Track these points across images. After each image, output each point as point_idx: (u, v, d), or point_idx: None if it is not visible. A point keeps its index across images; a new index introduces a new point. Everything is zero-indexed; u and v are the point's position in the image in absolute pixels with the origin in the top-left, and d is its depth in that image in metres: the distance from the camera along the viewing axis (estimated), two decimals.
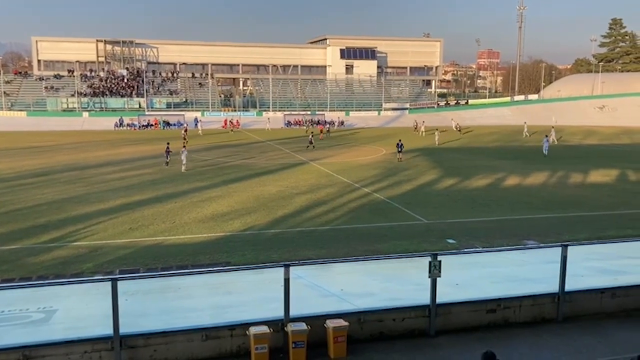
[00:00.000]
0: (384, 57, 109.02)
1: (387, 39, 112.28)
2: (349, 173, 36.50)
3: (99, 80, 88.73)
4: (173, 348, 10.40)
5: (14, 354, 9.73)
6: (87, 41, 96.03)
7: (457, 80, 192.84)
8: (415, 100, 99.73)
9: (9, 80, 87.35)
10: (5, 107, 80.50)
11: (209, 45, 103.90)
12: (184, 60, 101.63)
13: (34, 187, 31.05)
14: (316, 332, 10.67)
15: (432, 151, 49.81)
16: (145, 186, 31.60)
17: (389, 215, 24.92)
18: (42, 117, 77.33)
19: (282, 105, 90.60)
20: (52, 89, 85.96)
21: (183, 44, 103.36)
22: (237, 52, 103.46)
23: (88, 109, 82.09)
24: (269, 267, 14.85)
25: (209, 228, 22.51)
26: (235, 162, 42.21)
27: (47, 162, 41.60)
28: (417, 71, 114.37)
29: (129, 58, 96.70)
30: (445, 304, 11.90)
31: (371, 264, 15.90)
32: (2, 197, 28.06)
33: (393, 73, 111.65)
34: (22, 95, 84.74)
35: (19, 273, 16.90)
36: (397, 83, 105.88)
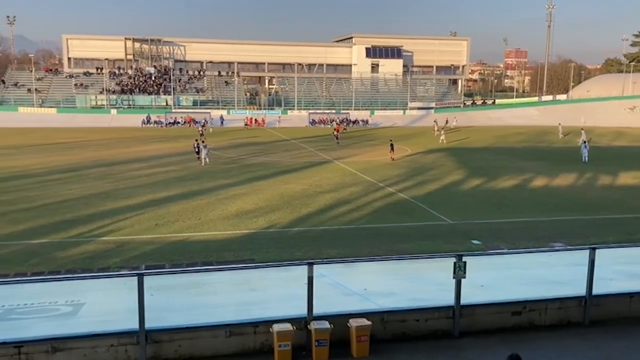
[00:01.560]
0: (410, 56, 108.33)
1: (413, 38, 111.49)
2: (373, 172, 36.40)
3: (127, 77, 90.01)
4: (197, 343, 10.50)
5: (43, 345, 9.94)
6: (116, 39, 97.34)
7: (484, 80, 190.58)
8: (442, 100, 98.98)
9: (40, 77, 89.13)
10: (36, 103, 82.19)
11: (235, 43, 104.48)
12: (211, 59, 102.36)
13: (63, 183, 31.65)
14: (339, 330, 10.67)
15: (458, 151, 49.38)
16: (172, 183, 31.96)
17: (413, 215, 24.80)
18: (71, 114, 78.78)
19: (307, 104, 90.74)
20: (81, 86, 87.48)
21: (210, 42, 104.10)
22: (263, 50, 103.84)
23: (116, 106, 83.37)
24: (293, 265, 14.89)
25: (233, 225, 22.67)
26: (260, 160, 42.42)
27: (76, 158, 42.34)
28: (443, 70, 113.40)
29: (156, 56, 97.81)
30: (470, 305, 11.79)
31: (395, 263, 15.81)
32: (32, 192, 28.66)
33: (419, 72, 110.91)
34: (53, 92, 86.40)
35: (48, 267, 17.26)
36: (423, 82, 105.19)
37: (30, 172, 35.59)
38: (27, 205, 25.71)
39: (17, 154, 44.43)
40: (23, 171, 35.74)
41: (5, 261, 17.77)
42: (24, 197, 27.36)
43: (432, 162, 42.15)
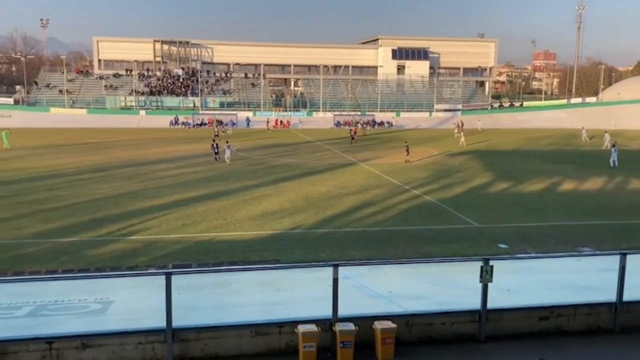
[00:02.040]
0: (437, 58, 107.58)
1: (440, 39, 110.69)
2: (399, 174, 36.26)
3: (156, 79, 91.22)
4: (223, 343, 10.60)
5: (73, 341, 10.15)
6: (145, 41, 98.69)
7: (512, 82, 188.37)
8: (468, 102, 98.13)
9: (71, 79, 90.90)
10: (68, 104, 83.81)
11: (262, 45, 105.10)
12: (237, 61, 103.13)
13: (92, 182, 32.22)
14: (364, 332, 10.67)
15: (485, 154, 48.89)
16: (199, 183, 32.29)
17: (439, 218, 24.64)
18: (101, 115, 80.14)
19: (332, 106, 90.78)
20: (111, 87, 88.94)
21: (237, 44, 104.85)
22: (289, 52, 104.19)
23: (145, 107, 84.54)
24: (318, 266, 14.94)
25: (259, 226, 22.81)
26: (285, 161, 42.59)
27: (106, 158, 43.07)
28: (470, 72, 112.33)
29: (184, 58, 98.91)
30: (497, 309, 11.68)
31: (420, 266, 15.73)
32: (63, 191, 29.24)
33: (445, 74, 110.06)
34: (83, 93, 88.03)
35: (77, 264, 17.59)
36: (450, 84, 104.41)
37: (61, 171, 36.33)
38: (57, 204, 26.25)
39: (48, 154, 45.39)
40: (54, 170, 36.50)
41: (37, 259, 18.18)
42: (55, 196, 27.94)
43: (459, 164, 41.80)
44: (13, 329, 10.91)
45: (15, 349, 9.97)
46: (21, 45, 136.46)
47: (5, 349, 9.92)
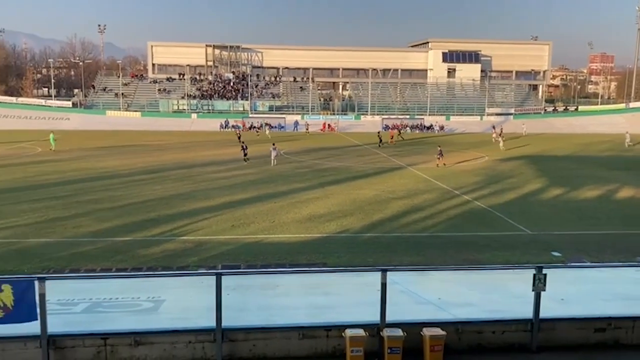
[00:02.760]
0: (488, 61, 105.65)
1: (491, 42, 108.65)
2: (448, 179, 35.76)
3: (207, 83, 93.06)
4: (271, 344, 10.70)
5: (127, 338, 10.45)
6: (197, 46, 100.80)
7: (566, 86, 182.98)
8: (521, 106, 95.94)
9: (127, 82, 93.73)
10: (123, 107, 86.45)
11: (311, 49, 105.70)
12: (287, 65, 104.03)
13: (146, 183, 33.11)
14: (412, 339, 10.57)
15: (538, 159, 47.67)
16: (247, 186, 32.71)
17: (490, 225, 24.16)
18: (154, 118, 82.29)
19: (381, 109, 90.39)
20: (164, 91, 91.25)
21: (286, 48, 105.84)
22: (338, 56, 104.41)
23: (196, 110, 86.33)
24: (366, 271, 14.90)
25: (306, 228, 22.92)
26: (332, 165, 42.66)
27: (158, 160, 44.17)
28: (523, 75, 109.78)
29: (235, 62, 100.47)
30: (549, 319, 11.37)
31: (470, 273, 15.47)
32: (118, 192, 30.15)
33: (497, 77, 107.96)
34: (138, 97, 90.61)
35: (131, 263, 18.10)
36: (502, 87, 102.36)
37: (116, 172, 37.48)
38: (112, 204, 27.09)
39: (104, 155, 46.91)
40: (110, 171, 37.70)
41: (93, 257, 18.80)
42: (110, 197, 28.84)
43: (510, 170, 40.89)
44: (70, 324, 11.32)
45: (72, 344, 10.35)
46: (80, 50, 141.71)
47: (63, 343, 10.30)
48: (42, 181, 33.57)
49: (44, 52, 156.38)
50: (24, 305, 9.89)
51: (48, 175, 35.96)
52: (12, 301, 9.85)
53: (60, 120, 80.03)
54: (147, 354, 10.43)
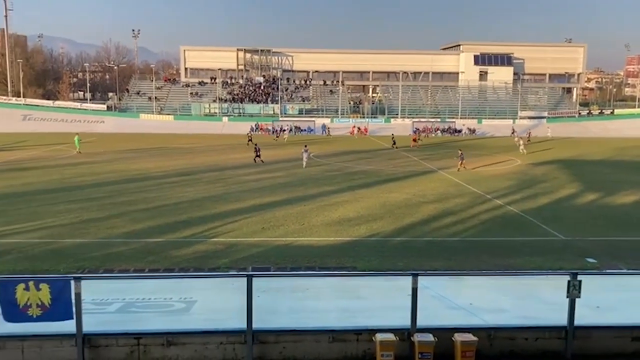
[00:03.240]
0: (521, 64, 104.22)
1: (524, 45, 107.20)
2: (480, 183, 35.34)
3: (238, 87, 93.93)
4: (301, 347, 10.72)
5: (159, 338, 10.60)
6: (229, 50, 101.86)
7: (602, 89, 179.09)
8: (555, 109, 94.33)
9: (160, 86, 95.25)
10: (156, 111, 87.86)
11: (341, 53, 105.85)
12: (317, 68, 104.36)
13: (178, 185, 33.56)
14: (443, 344, 10.48)
15: (572, 163, 46.77)
16: (277, 188, 32.87)
17: (522, 230, 23.78)
18: (186, 121, 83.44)
19: (411, 112, 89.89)
20: (196, 94, 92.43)
21: (316, 52, 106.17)
22: (368, 59, 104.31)
23: (227, 114, 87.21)
24: (397, 275, 14.83)
25: (335, 232, 22.91)
26: (362, 168, 42.58)
27: (190, 162, 44.73)
28: (557, 78, 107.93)
29: (265, 66, 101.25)
30: (584, 326, 11.14)
31: (503, 279, 15.28)
32: (151, 194, 30.63)
33: (530, 80, 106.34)
34: (170, 100, 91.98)
35: (163, 264, 18.35)
36: (535, 90, 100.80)
37: (149, 174, 38.10)
38: (146, 205, 27.53)
39: (138, 158, 47.73)
40: (143, 174, 38.33)
41: (126, 257, 19.12)
42: (144, 198, 29.31)
43: (543, 174, 40.21)
44: (104, 323, 11.55)
45: (106, 343, 10.54)
46: (114, 54, 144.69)
47: (97, 342, 10.51)
48: (77, 183, 34.33)
49: (80, 57, 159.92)
50: (60, 304, 10.12)
51: (83, 177, 36.76)
52: (49, 300, 10.10)
53: (95, 123, 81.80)
54: (179, 355, 10.56)
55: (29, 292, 10.03)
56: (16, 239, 21.09)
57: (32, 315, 10.07)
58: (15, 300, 10.01)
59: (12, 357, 10.33)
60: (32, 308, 10.04)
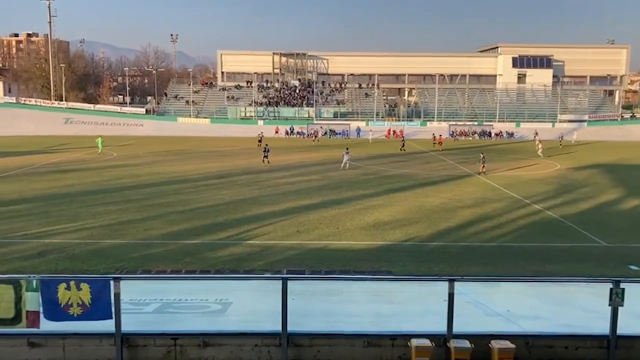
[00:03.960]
0: (561, 66, 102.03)
1: (564, 46, 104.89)
2: (518, 188, 34.71)
3: (274, 90, 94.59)
4: (336, 351, 10.68)
5: (196, 339, 10.70)
6: (265, 54, 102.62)
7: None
8: (596, 112, 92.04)
9: (197, 90, 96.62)
10: (193, 114, 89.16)
11: (376, 56, 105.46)
12: (352, 71, 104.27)
13: (214, 188, 33.97)
14: (479, 351, 10.29)
15: (614, 168, 45.55)
16: (312, 191, 32.94)
17: (562, 235, 23.25)
18: (223, 124, 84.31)
19: (448, 115, 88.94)
20: (232, 98, 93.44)
21: (351, 55, 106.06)
22: (403, 62, 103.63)
23: (263, 117, 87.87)
24: (432, 280, 14.66)
25: (370, 236, 22.82)
26: (398, 172, 42.31)
27: (227, 165, 45.22)
28: (598, 80, 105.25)
29: (301, 69, 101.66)
30: (628, 336, 10.79)
31: (542, 285, 14.93)
32: (188, 196, 31.08)
33: (570, 82, 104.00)
34: (207, 104, 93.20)
35: (199, 265, 18.59)
36: (575, 93, 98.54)
37: (186, 177, 38.67)
38: (182, 207, 27.93)
39: (176, 160, 48.51)
40: (181, 176, 38.92)
41: (163, 258, 19.44)
42: (181, 200, 29.76)
43: (584, 179, 39.26)
44: (142, 323, 11.73)
45: (144, 342, 10.70)
46: (153, 59, 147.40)
47: (136, 341, 10.68)
48: (116, 185, 35.09)
49: (119, 61, 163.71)
50: (100, 303, 10.32)
51: (122, 179, 37.55)
52: (89, 299, 10.31)
53: (134, 127, 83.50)
54: (215, 356, 10.64)
55: (70, 292, 10.27)
56: (58, 239, 21.67)
57: (73, 314, 10.29)
58: (57, 300, 10.25)
59: (53, 354, 10.58)
60: (73, 307, 10.27)
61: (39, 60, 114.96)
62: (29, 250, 20.04)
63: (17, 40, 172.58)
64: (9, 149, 57.44)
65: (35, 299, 10.27)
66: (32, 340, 10.54)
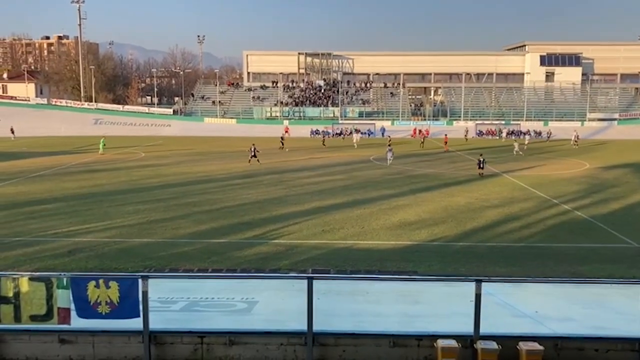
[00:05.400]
0: (590, 64, 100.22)
1: (593, 44, 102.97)
2: (546, 187, 34.19)
3: (299, 90, 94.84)
4: (361, 351, 10.68)
5: (222, 337, 10.82)
6: (290, 54, 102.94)
7: None
8: (626, 110, 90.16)
9: (223, 90, 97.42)
10: (219, 114, 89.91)
11: (402, 55, 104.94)
12: (377, 71, 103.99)
13: (241, 188, 34.19)
14: (507, 353, 10.19)
15: None
16: (337, 191, 32.93)
17: (591, 236, 22.84)
18: (249, 124, 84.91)
19: (474, 114, 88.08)
20: (258, 99, 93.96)
21: (376, 54, 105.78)
22: (429, 61, 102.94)
23: (288, 117, 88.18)
24: (459, 281, 14.54)
25: (396, 236, 22.72)
26: (423, 171, 42.05)
27: (253, 165, 45.44)
28: (629, 78, 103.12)
29: (326, 69, 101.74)
30: None
31: (571, 286, 14.71)
32: (215, 195, 31.35)
33: (600, 80, 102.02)
34: (234, 104, 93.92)
35: (226, 264, 18.74)
36: (605, 91, 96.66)
37: (213, 176, 39.01)
38: (209, 207, 28.18)
39: (202, 160, 48.96)
40: (207, 176, 39.28)
41: (190, 257, 19.64)
42: (207, 200, 30.03)
43: (614, 178, 38.49)
44: (169, 321, 11.89)
45: (172, 340, 10.85)
46: (180, 60, 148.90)
47: (163, 339, 10.83)
48: (145, 184, 35.58)
49: (148, 63, 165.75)
50: (128, 301, 10.48)
51: (150, 179, 38.04)
52: (117, 297, 10.48)
53: (162, 127, 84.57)
54: (241, 354, 10.74)
55: (99, 290, 10.45)
56: (88, 237, 22.06)
57: (102, 313, 10.47)
58: (87, 297, 10.45)
59: (83, 351, 10.79)
60: (101, 305, 10.45)
61: (70, 62, 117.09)
62: (60, 249, 20.44)
63: (48, 42, 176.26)
64: (41, 149, 58.71)
65: (66, 296, 10.49)
66: (62, 337, 10.77)
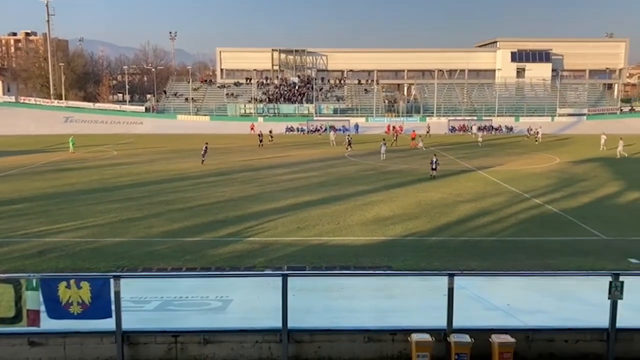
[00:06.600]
0: (560, 60, 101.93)
1: (563, 40, 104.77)
2: (518, 182, 34.72)
3: (273, 87, 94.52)
4: (336, 347, 10.72)
5: (196, 336, 10.75)
6: (264, 51, 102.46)
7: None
8: (595, 106, 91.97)
9: (196, 87, 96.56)
10: (192, 112, 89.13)
11: (375, 52, 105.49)
12: (351, 67, 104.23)
13: (214, 185, 33.97)
14: (480, 346, 10.33)
15: (614, 162, 45.53)
16: (312, 188, 32.95)
17: (561, 229, 23.28)
18: (222, 122, 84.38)
19: (447, 111, 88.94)
20: (232, 95, 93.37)
21: (350, 51, 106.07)
22: (402, 57, 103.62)
23: (263, 114, 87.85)
24: (433, 275, 14.69)
25: (371, 231, 22.84)
26: (397, 167, 42.32)
27: (226, 162, 45.20)
28: (597, 74, 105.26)
29: (300, 66, 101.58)
30: (627, 329, 10.83)
31: (541, 279, 14.98)
32: (188, 194, 31.09)
33: (569, 76, 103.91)
34: (207, 101, 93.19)
35: (200, 263, 18.61)
36: (574, 87, 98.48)
37: (186, 174, 38.66)
38: (182, 205, 27.94)
39: (175, 158, 48.50)
40: (180, 174, 38.92)
41: (164, 256, 19.46)
42: (181, 198, 29.77)
43: (584, 172, 39.27)
44: (143, 321, 11.78)
45: (145, 340, 10.74)
46: (152, 57, 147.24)
47: (136, 339, 10.71)
48: (116, 183, 35.09)
49: (119, 60, 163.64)
50: (100, 301, 10.34)
51: (122, 177, 37.55)
52: (89, 298, 10.33)
53: (134, 125, 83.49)
54: (216, 353, 10.68)
55: (70, 290, 10.29)
56: (59, 237, 21.70)
57: (74, 313, 10.31)
58: (58, 298, 10.28)
59: (54, 353, 10.62)
60: (73, 305, 10.30)
61: (38, 59, 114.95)
62: (30, 249, 20.07)
63: (15, 39, 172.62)
64: (9, 148, 57.44)
65: (35, 298, 10.30)
66: (32, 340, 10.58)
